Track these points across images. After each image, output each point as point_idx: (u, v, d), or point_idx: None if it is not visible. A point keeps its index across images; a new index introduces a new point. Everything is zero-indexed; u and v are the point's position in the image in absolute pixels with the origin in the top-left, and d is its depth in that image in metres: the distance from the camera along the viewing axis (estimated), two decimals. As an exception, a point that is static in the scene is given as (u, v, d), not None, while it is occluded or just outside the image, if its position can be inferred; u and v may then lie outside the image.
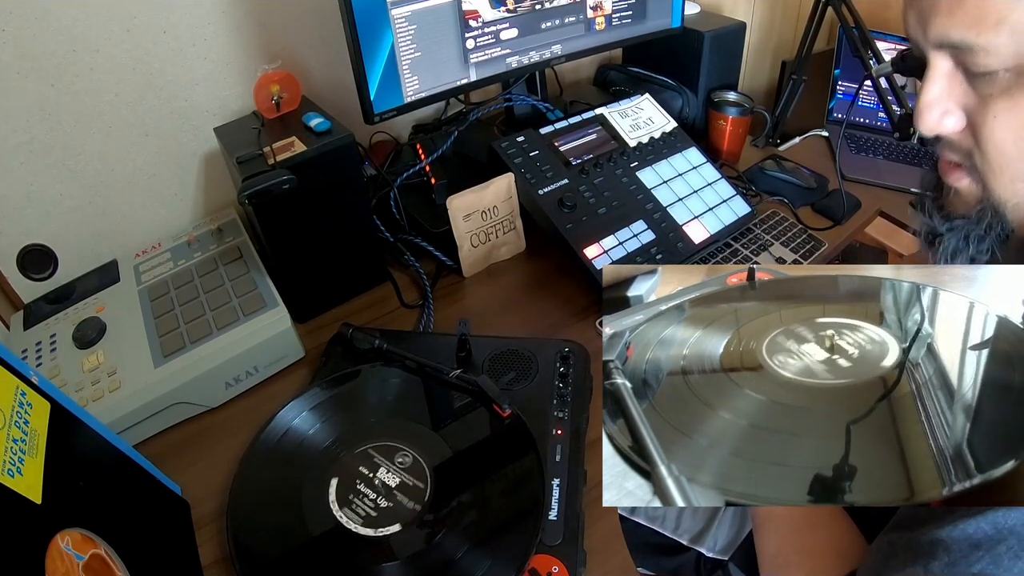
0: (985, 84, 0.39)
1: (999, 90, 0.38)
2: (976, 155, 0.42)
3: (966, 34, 0.37)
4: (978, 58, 0.38)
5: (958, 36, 0.38)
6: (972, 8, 0.36)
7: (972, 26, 0.37)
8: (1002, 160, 0.40)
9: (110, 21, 0.74)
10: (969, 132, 0.42)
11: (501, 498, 0.56)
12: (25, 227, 0.78)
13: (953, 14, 0.37)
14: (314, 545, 0.53)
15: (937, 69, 0.41)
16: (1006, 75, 0.38)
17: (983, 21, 0.36)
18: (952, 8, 0.37)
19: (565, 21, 0.92)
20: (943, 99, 0.41)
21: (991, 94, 0.39)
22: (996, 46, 0.36)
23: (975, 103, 0.40)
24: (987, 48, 0.37)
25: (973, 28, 0.37)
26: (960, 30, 0.37)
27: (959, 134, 0.42)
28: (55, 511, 0.39)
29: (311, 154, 0.70)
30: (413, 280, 0.86)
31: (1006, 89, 0.38)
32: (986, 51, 0.37)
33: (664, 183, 0.90)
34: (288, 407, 0.63)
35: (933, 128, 0.43)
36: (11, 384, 0.40)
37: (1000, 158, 0.40)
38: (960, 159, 0.44)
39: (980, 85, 0.40)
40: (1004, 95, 0.38)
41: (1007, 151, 0.40)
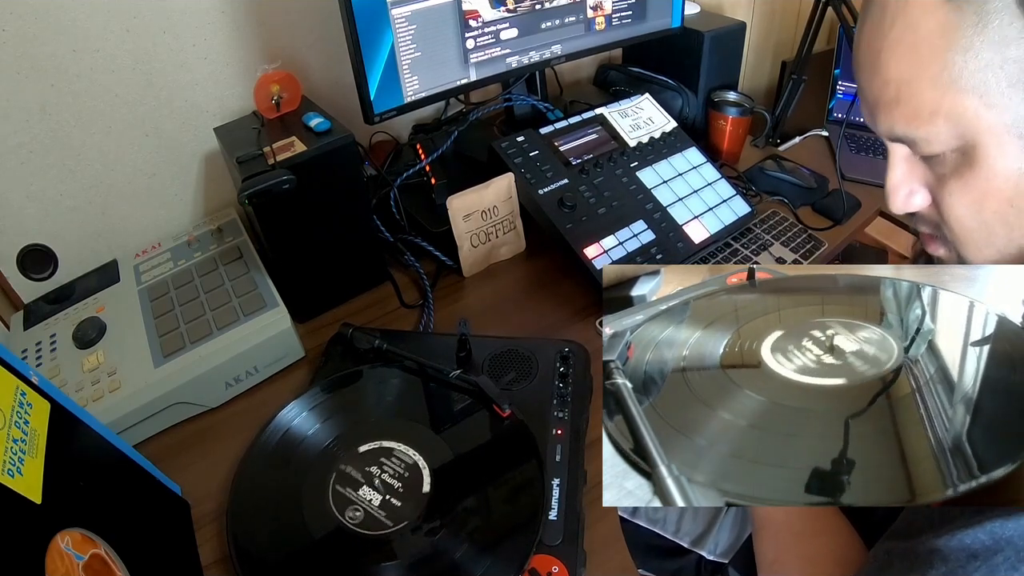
0: (937, 165, 0.42)
1: (950, 170, 0.41)
2: (944, 227, 0.44)
3: (907, 128, 0.40)
4: (923, 147, 0.41)
5: (900, 131, 0.41)
6: (907, 105, 0.39)
7: (911, 121, 0.40)
8: (965, 232, 0.43)
9: (110, 21, 0.74)
10: (935, 207, 0.44)
11: (501, 498, 0.56)
12: (25, 227, 0.78)
13: (892, 112, 0.40)
14: (314, 545, 0.53)
15: (896, 154, 0.44)
16: (952, 155, 0.40)
17: (919, 115, 0.39)
18: (890, 107, 0.40)
19: (565, 21, 0.92)
20: (906, 180, 0.44)
21: (944, 173, 0.41)
22: (936, 134, 0.39)
23: (933, 181, 0.43)
24: (927, 138, 0.40)
25: (912, 123, 0.40)
26: (901, 126, 0.40)
27: (928, 209, 0.45)
28: (55, 511, 0.39)
29: (311, 154, 0.70)
30: (413, 280, 0.86)
31: (955, 168, 0.40)
32: (927, 141, 0.40)
33: (664, 183, 0.90)
34: (288, 407, 0.63)
35: (902, 208, 0.46)
36: (11, 384, 0.40)
37: (963, 230, 0.43)
38: (933, 231, 0.47)
39: (934, 166, 0.42)
40: (955, 174, 0.41)
41: (967, 223, 0.42)
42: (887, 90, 0.40)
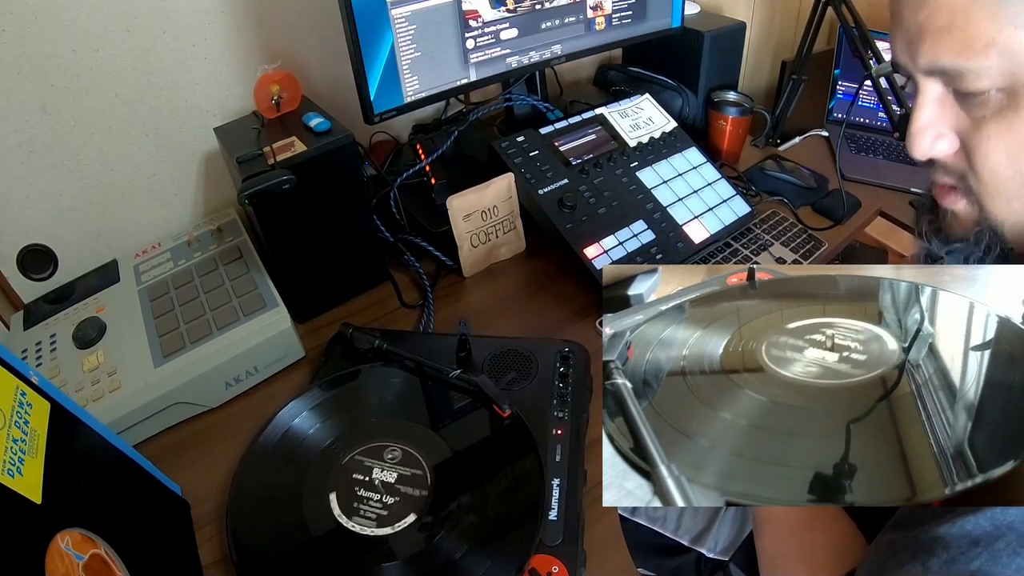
0: (977, 106, 0.39)
1: (991, 111, 0.39)
2: (971, 177, 0.42)
3: (956, 59, 0.37)
4: (968, 82, 0.38)
5: (948, 61, 0.38)
6: (959, 33, 0.37)
7: (961, 51, 0.37)
8: (997, 181, 0.40)
9: (110, 21, 0.74)
10: (963, 154, 0.42)
11: (501, 498, 0.56)
12: (25, 227, 0.78)
13: (941, 40, 0.38)
14: (314, 545, 0.53)
15: (928, 94, 0.41)
16: (998, 95, 0.38)
17: (971, 45, 0.36)
18: (939, 34, 0.38)
19: (565, 21, 0.92)
20: (935, 123, 0.42)
21: (983, 116, 0.39)
22: (986, 68, 0.37)
23: (967, 125, 0.41)
24: (977, 71, 0.37)
25: (962, 53, 0.37)
26: (949, 56, 0.38)
27: (953, 157, 0.43)
28: (55, 511, 0.39)
29: (311, 154, 0.70)
30: (413, 280, 0.86)
31: (998, 110, 0.38)
32: (976, 74, 0.37)
33: (664, 183, 0.90)
34: (288, 407, 0.63)
35: (926, 153, 0.43)
36: (11, 384, 0.40)
37: (995, 179, 0.40)
38: (955, 182, 0.44)
39: (972, 107, 0.40)
40: (996, 116, 0.38)
41: (1001, 172, 0.40)
42: (938, 16, 0.37)
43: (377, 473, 0.57)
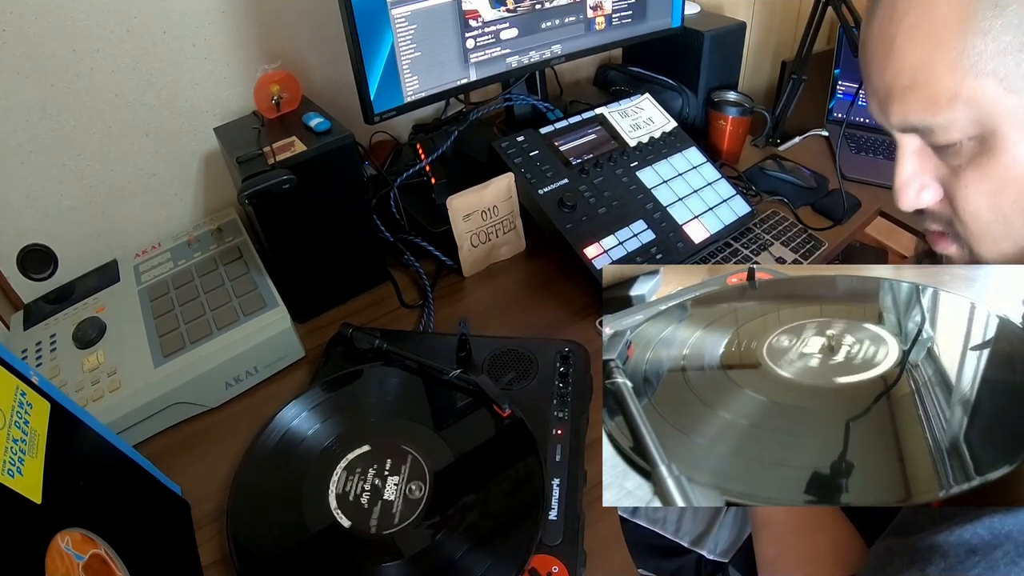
0: (952, 156, 0.40)
1: (966, 160, 0.39)
2: (957, 223, 0.43)
3: (923, 116, 0.39)
4: (939, 136, 0.39)
5: (917, 119, 0.39)
6: (923, 91, 0.38)
7: (928, 108, 0.38)
8: (981, 225, 0.41)
9: (110, 21, 0.74)
10: (947, 202, 0.43)
11: (501, 498, 0.56)
12: (25, 227, 0.78)
13: (907, 100, 0.39)
14: (314, 545, 0.53)
15: (907, 148, 0.42)
16: (970, 143, 0.39)
17: (936, 101, 0.38)
18: (905, 94, 0.39)
19: (565, 21, 0.92)
20: (917, 175, 0.43)
21: (960, 164, 0.40)
22: (953, 121, 0.38)
23: (947, 174, 0.42)
24: (945, 126, 0.38)
25: (929, 110, 0.38)
26: (917, 114, 0.39)
27: (939, 205, 0.44)
28: (55, 511, 0.39)
29: (311, 154, 0.70)
30: (413, 280, 0.86)
31: (972, 157, 0.39)
32: (945, 128, 0.38)
33: (664, 183, 0.90)
34: (288, 407, 0.63)
35: (913, 205, 0.44)
36: (11, 384, 0.40)
37: (978, 224, 0.41)
38: (944, 228, 0.45)
39: (948, 157, 0.41)
40: (971, 164, 0.39)
41: (984, 216, 0.41)
42: (901, 77, 0.38)
43: (377, 473, 0.57)
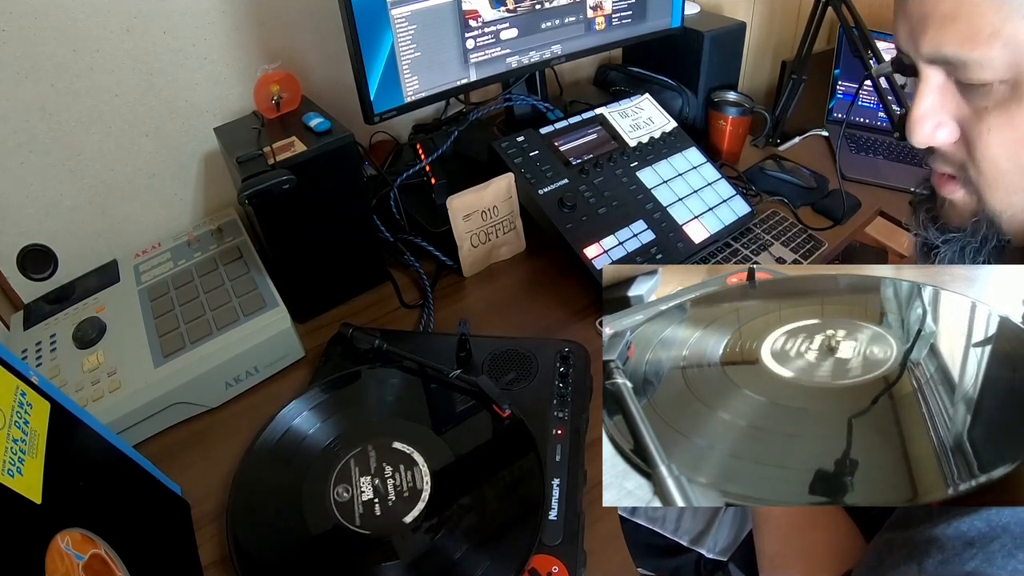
0: (979, 97, 0.39)
1: (994, 103, 0.38)
2: (970, 167, 0.41)
3: (959, 49, 0.37)
4: (972, 72, 0.37)
5: (951, 51, 0.37)
6: (964, 23, 0.36)
7: (965, 41, 0.36)
8: (997, 173, 0.40)
9: (110, 21, 0.74)
10: (963, 144, 0.41)
11: (501, 498, 0.56)
12: (25, 227, 0.78)
13: (945, 29, 0.37)
14: (314, 545, 0.53)
15: (930, 82, 0.41)
16: (1001, 87, 0.37)
17: (976, 36, 0.36)
18: (944, 23, 0.37)
19: (565, 21, 0.92)
20: (936, 111, 0.41)
21: (985, 107, 0.39)
22: (990, 59, 0.36)
23: (969, 115, 0.40)
24: (981, 62, 0.37)
25: (966, 43, 0.36)
26: (953, 45, 0.37)
27: (952, 146, 0.42)
28: (55, 511, 0.39)
29: (311, 154, 0.70)
30: (413, 280, 0.86)
31: (1001, 102, 0.38)
32: (980, 65, 0.37)
33: (664, 183, 0.90)
34: (288, 407, 0.63)
35: (926, 141, 0.42)
36: (11, 384, 0.40)
37: (995, 171, 0.40)
38: (954, 171, 0.44)
39: (974, 98, 0.39)
40: (999, 108, 0.38)
41: (1002, 164, 0.39)
42: (942, 5, 0.37)
43: (377, 473, 0.57)
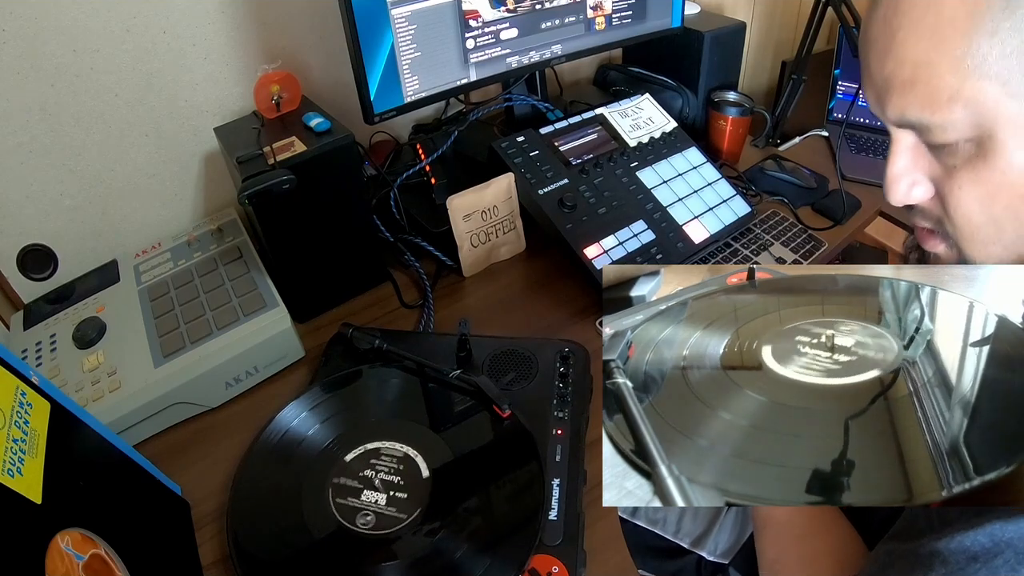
0: (947, 156, 0.40)
1: (961, 160, 0.39)
2: (947, 223, 0.42)
3: (921, 114, 0.38)
4: (936, 135, 0.38)
5: (914, 116, 0.39)
6: (924, 87, 0.37)
7: (927, 105, 0.37)
8: (971, 227, 0.41)
9: (110, 21, 0.74)
10: (938, 200, 0.42)
11: (501, 498, 0.56)
12: (25, 227, 0.78)
13: (906, 94, 0.38)
14: (314, 545, 0.53)
15: (901, 143, 0.42)
16: (966, 145, 0.38)
17: (936, 99, 0.37)
18: (904, 89, 0.38)
19: (565, 21, 0.92)
20: (909, 171, 0.42)
21: (954, 165, 0.40)
22: (952, 121, 0.37)
23: (940, 173, 0.41)
24: (943, 125, 0.38)
25: (928, 107, 0.37)
26: (915, 110, 0.38)
27: (929, 202, 0.43)
28: (55, 511, 0.39)
29: (311, 154, 0.70)
30: (413, 280, 0.86)
31: (968, 159, 0.39)
32: (943, 128, 0.38)
33: (664, 183, 0.90)
34: (288, 407, 0.63)
35: (902, 200, 0.43)
36: (11, 384, 0.40)
37: (969, 225, 0.41)
38: (933, 226, 0.45)
39: (943, 156, 0.40)
40: (967, 165, 0.39)
41: (975, 219, 0.40)
42: (902, 71, 0.38)
43: (377, 473, 0.57)
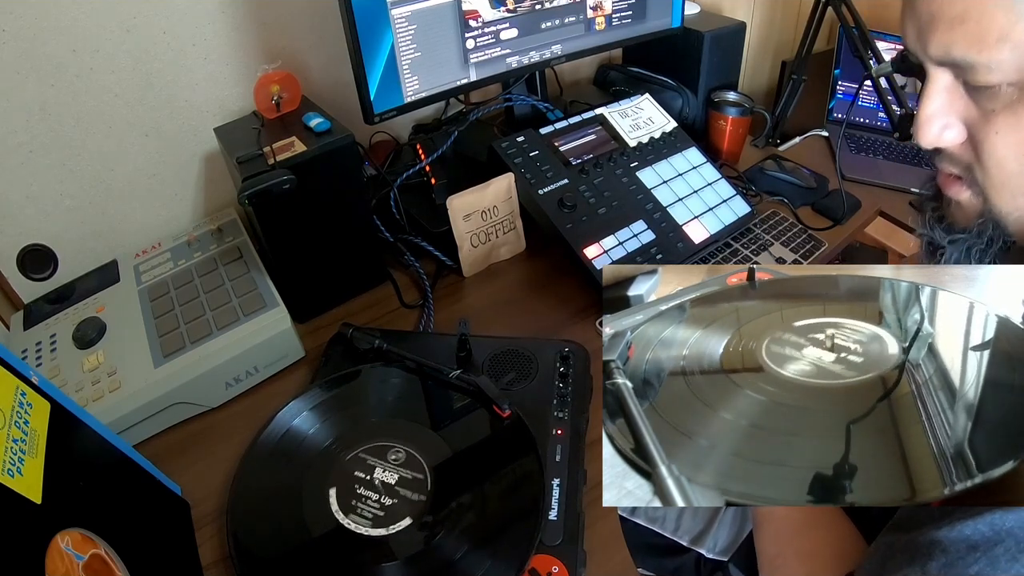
0: (987, 99, 0.39)
1: (1002, 105, 0.38)
2: (976, 169, 0.41)
3: (967, 51, 0.37)
4: (980, 75, 0.37)
5: (960, 54, 0.37)
6: (973, 26, 0.36)
7: (974, 44, 0.36)
8: (1003, 175, 0.40)
9: (110, 21, 0.74)
10: (969, 146, 0.41)
11: (501, 498, 0.56)
12: (25, 227, 0.78)
13: (954, 31, 0.37)
14: (314, 545, 0.53)
15: (937, 83, 0.40)
16: (1009, 89, 0.37)
17: (985, 38, 0.36)
18: (953, 25, 0.37)
19: (565, 21, 0.92)
20: (944, 112, 0.41)
21: (993, 109, 0.39)
22: (999, 62, 0.36)
23: (976, 117, 0.40)
24: (989, 65, 0.36)
25: (975, 46, 0.36)
26: (961, 48, 0.37)
27: (959, 147, 0.42)
28: (55, 511, 0.39)
29: (311, 154, 0.70)
30: (413, 280, 0.86)
31: (1009, 104, 0.38)
32: (988, 68, 0.37)
33: (664, 183, 0.90)
34: (288, 407, 0.63)
35: (933, 141, 0.42)
36: (11, 384, 0.40)
37: (1001, 173, 0.40)
38: (960, 172, 0.43)
39: (982, 100, 0.39)
40: (1007, 110, 0.38)
41: (1009, 166, 0.39)
42: (951, 7, 0.36)
43: (377, 473, 0.57)
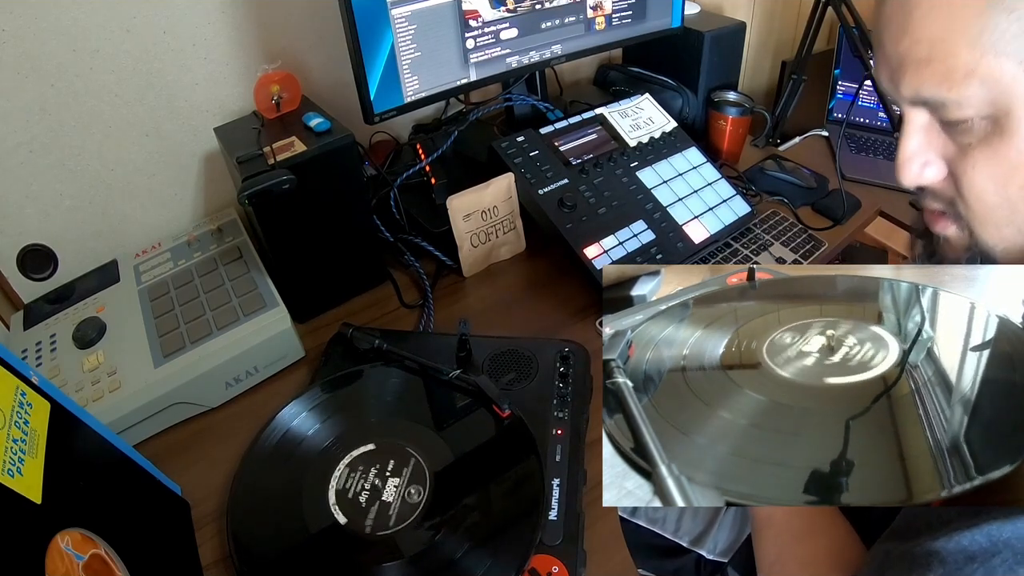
0: (962, 134, 0.39)
1: (976, 139, 0.39)
2: (959, 203, 0.42)
3: (937, 90, 0.38)
4: (951, 111, 0.38)
5: (930, 93, 0.38)
6: (939, 65, 0.37)
7: (943, 82, 0.37)
8: (985, 208, 0.40)
9: (110, 21, 0.74)
10: (951, 181, 0.42)
11: (501, 498, 0.56)
12: (25, 227, 0.78)
13: (921, 72, 0.38)
14: (314, 545, 0.53)
15: (913, 122, 0.41)
16: (982, 123, 0.38)
17: (952, 76, 0.37)
18: (920, 67, 0.38)
19: (565, 21, 0.92)
20: (922, 151, 0.42)
21: (969, 143, 0.39)
22: (967, 98, 0.37)
23: (954, 153, 0.41)
24: (959, 101, 0.37)
25: (944, 84, 0.37)
26: (931, 87, 0.38)
27: (941, 183, 0.43)
28: (55, 511, 0.39)
29: (311, 154, 0.70)
30: (413, 280, 0.86)
31: (983, 137, 0.38)
32: (959, 104, 0.37)
33: (664, 183, 0.90)
34: (288, 407, 0.63)
35: (914, 180, 0.43)
36: (11, 384, 0.40)
37: (983, 206, 0.40)
38: (945, 208, 0.44)
39: (957, 135, 0.40)
40: (982, 143, 0.39)
41: (989, 199, 0.40)
42: (918, 48, 0.37)
43: (377, 473, 0.57)
